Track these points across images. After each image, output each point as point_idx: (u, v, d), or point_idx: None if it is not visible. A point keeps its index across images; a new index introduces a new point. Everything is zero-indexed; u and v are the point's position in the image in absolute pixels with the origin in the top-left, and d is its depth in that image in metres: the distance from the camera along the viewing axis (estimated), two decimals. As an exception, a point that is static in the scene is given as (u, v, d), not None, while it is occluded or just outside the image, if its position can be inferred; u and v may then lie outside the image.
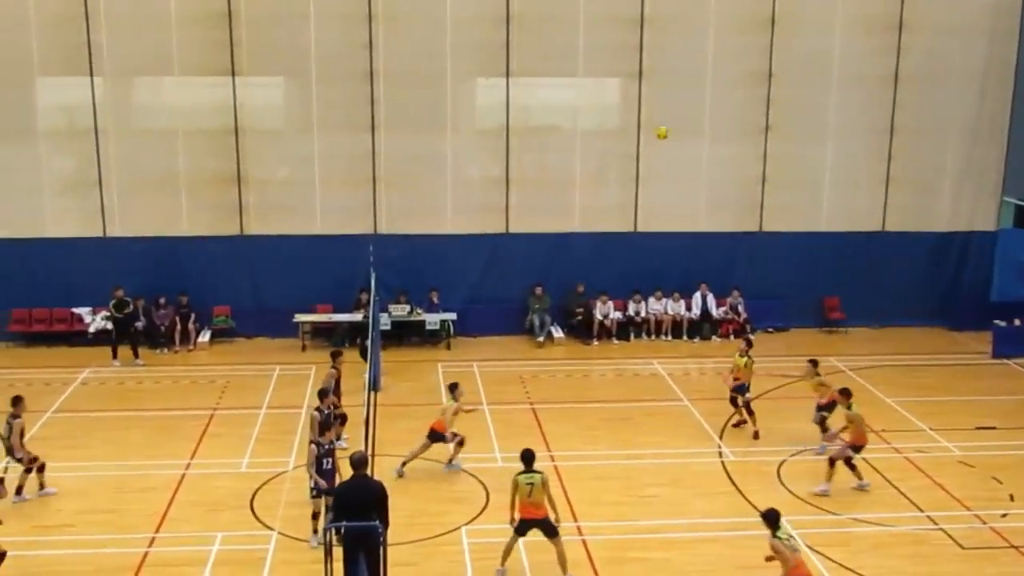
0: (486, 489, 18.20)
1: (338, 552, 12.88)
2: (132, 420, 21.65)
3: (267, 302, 27.47)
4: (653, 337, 27.81)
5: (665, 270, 28.02)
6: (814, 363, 20.64)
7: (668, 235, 27.88)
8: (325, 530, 12.94)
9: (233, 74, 26.62)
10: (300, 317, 26.97)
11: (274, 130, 27.83)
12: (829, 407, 19.85)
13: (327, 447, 15.85)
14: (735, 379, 20.99)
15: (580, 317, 27.70)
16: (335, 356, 20.36)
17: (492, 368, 25.28)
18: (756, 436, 20.52)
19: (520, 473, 15.10)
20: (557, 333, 27.65)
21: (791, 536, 13.58)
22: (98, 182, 26.88)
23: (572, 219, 27.99)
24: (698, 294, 28.02)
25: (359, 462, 13.20)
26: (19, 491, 17.87)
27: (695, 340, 27.69)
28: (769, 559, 13.55)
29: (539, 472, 15.06)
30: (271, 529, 16.67)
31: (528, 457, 15.23)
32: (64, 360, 25.51)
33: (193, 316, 26.95)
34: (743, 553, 15.87)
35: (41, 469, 18.08)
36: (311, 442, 16.29)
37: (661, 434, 20.84)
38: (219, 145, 26.96)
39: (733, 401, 21.16)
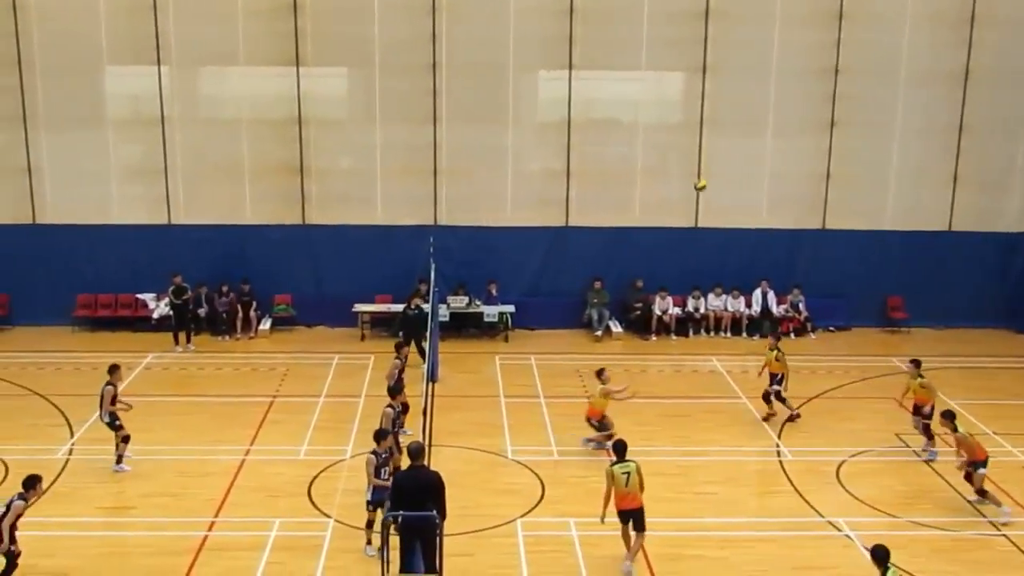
0: (541, 482, 18.20)
1: (395, 541, 12.98)
2: (194, 405, 21.93)
3: (327, 291, 27.68)
4: (712, 334, 27.62)
5: (725, 266, 27.83)
6: (916, 364, 19.87)
7: (729, 231, 27.69)
8: (383, 520, 13.00)
9: (297, 64, 26.83)
10: (359, 307, 27.14)
11: (337, 120, 28.02)
12: (931, 412, 19.07)
13: (384, 456, 15.67)
14: (770, 373, 21.08)
15: (639, 312, 27.59)
16: (399, 348, 20.44)
17: (549, 361, 25.26)
18: (794, 418, 20.87)
19: (615, 464, 15.23)
20: (615, 328, 27.56)
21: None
22: (164, 170, 27.26)
23: (632, 213, 27.87)
24: (758, 291, 27.76)
25: (416, 452, 13.25)
26: (119, 460, 18.50)
27: (754, 337, 27.42)
28: None
29: (633, 461, 15.21)
30: (328, 517, 16.80)
31: (621, 447, 15.42)
32: (128, 345, 25.90)
33: (254, 304, 27.23)
34: (800, 554, 15.74)
35: (126, 440, 18.59)
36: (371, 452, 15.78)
37: (719, 431, 20.70)
38: (283, 135, 27.21)
39: (766, 397, 21.10)
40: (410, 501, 12.65)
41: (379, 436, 15.55)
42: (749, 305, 27.77)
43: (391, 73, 27.06)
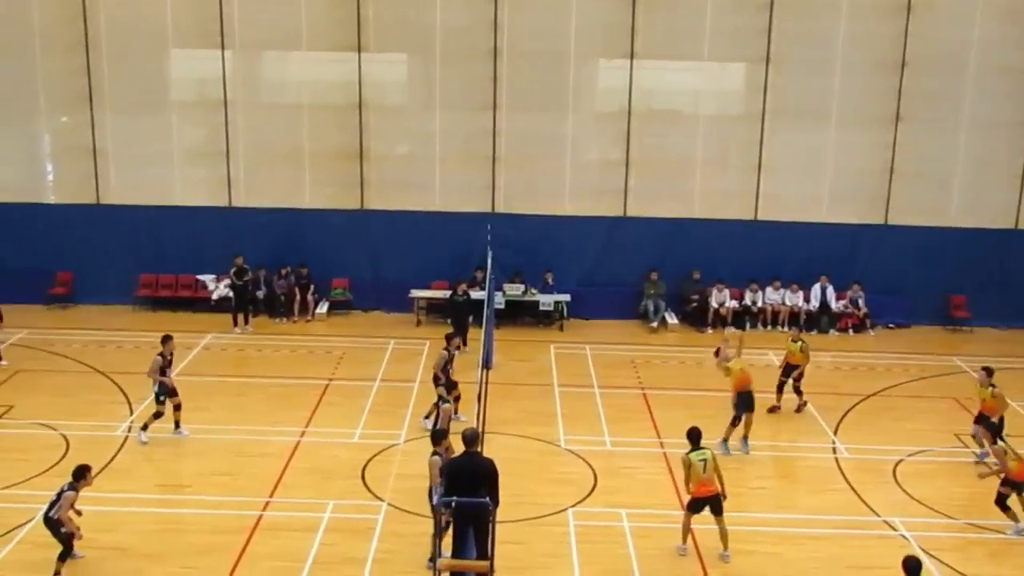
0: (594, 472, 18.17)
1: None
2: (251, 386, 22.16)
3: (384, 276, 27.82)
4: (769, 328, 27.35)
5: (784, 260, 27.52)
6: (989, 371, 18.92)
7: (789, 224, 27.37)
8: (435, 505, 13.04)
9: (359, 50, 26.95)
10: (416, 293, 27.26)
11: (397, 106, 28.13)
12: (1000, 424, 17.98)
13: (446, 455, 15.56)
14: (787, 364, 20.99)
15: (695, 304, 27.43)
16: (449, 339, 20.43)
17: (604, 351, 25.21)
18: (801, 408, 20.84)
19: (691, 452, 15.30)
20: (671, 319, 27.42)
21: None
22: (225, 153, 27.54)
23: (691, 205, 27.68)
24: (817, 286, 27.45)
25: (471, 438, 13.27)
26: (177, 425, 19.15)
27: (812, 333, 27.10)
28: None
29: (707, 448, 15.33)
30: (381, 500, 16.90)
31: (696, 435, 15.49)
32: (188, 325, 26.19)
33: (312, 287, 27.43)
34: (855, 553, 15.58)
35: (177, 408, 19.15)
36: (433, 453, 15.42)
37: (774, 426, 20.53)
38: (343, 120, 27.36)
39: (780, 387, 21.13)
40: (463, 487, 12.67)
41: (437, 437, 15.46)
42: (807, 300, 27.48)
43: (451, 60, 27.09)
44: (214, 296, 27.53)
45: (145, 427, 19.02)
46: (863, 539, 16.08)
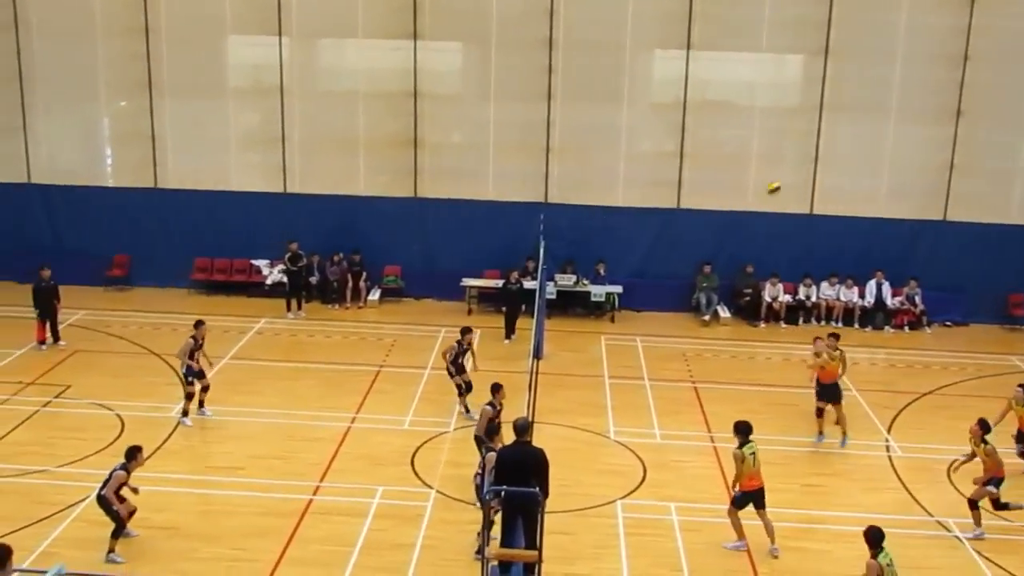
0: (643, 464, 18.11)
1: (496, 516, 13.05)
2: (302, 371, 22.31)
3: (436, 265, 27.89)
4: (823, 323, 27.05)
5: (840, 255, 27.20)
6: None
7: (845, 219, 27.05)
8: (485, 493, 13.06)
9: (415, 38, 26.99)
10: (467, 281, 27.30)
11: (451, 95, 28.13)
12: None
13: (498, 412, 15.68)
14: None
15: (748, 298, 27.22)
16: (464, 332, 20.39)
17: (655, 344, 25.10)
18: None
19: (742, 446, 15.29)
20: (723, 313, 27.24)
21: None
22: (281, 139, 27.72)
23: (745, 198, 27.44)
24: (873, 282, 27.10)
25: (522, 428, 13.26)
26: (201, 405, 19.51)
27: (867, 329, 26.85)
28: None
29: (753, 441, 15.41)
30: (430, 487, 16.96)
31: (747, 428, 15.50)
32: (242, 309, 26.47)
33: (364, 274, 27.57)
34: (907, 552, 15.32)
35: (205, 389, 19.48)
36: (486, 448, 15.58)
37: (827, 423, 20.29)
38: (397, 108, 27.43)
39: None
40: (513, 477, 12.68)
41: (490, 432, 15.42)
42: (863, 296, 27.15)
43: (507, 49, 27.05)
44: (268, 281, 27.77)
45: (185, 412, 19.30)
46: (915, 539, 15.89)
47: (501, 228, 27.44)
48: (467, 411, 19.75)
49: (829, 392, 19.38)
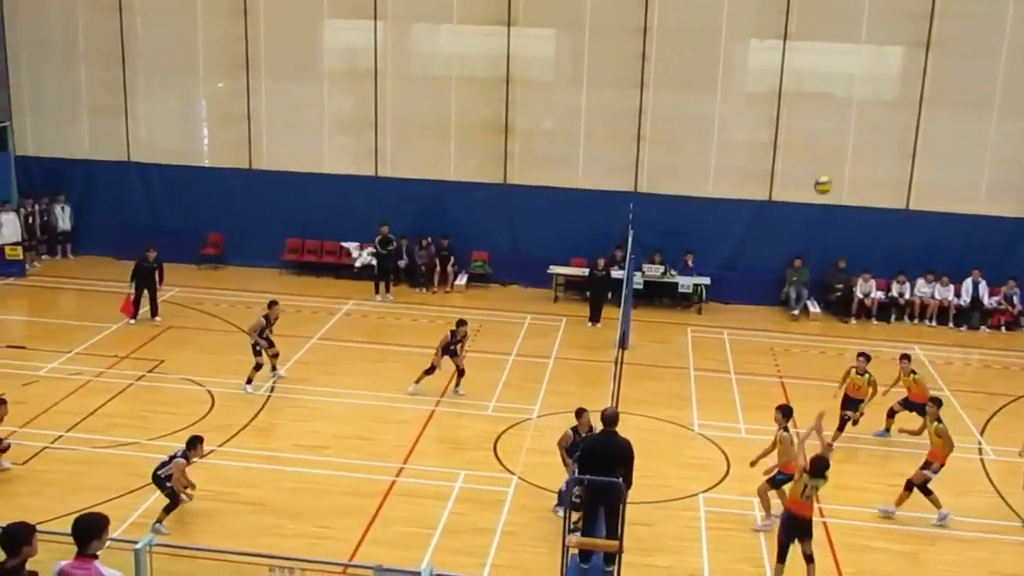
0: (727, 458, 17.96)
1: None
2: (389, 354, 22.52)
3: (524, 251, 27.94)
4: (916, 321, 26.54)
5: (935, 252, 26.60)
6: None
7: (943, 215, 26.44)
8: (568, 482, 13.07)
9: (508, 24, 27.02)
10: (554, 269, 27.29)
11: (543, 82, 28.11)
12: None
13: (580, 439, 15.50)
14: (848, 395, 18.81)
15: (839, 293, 26.77)
16: (459, 324, 20.59)
17: (742, 337, 24.85)
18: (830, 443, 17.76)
19: (787, 429, 15.54)
20: (813, 308, 26.85)
21: None
22: (374, 123, 27.97)
23: (839, 191, 26.85)
24: (969, 280, 26.45)
25: (610, 418, 13.23)
26: (274, 368, 20.15)
27: (962, 328, 26.25)
28: None
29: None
30: (512, 473, 17.02)
31: (789, 412, 15.83)
32: (330, 291, 26.80)
33: (452, 259, 27.71)
34: (996, 558, 15.06)
35: (258, 368, 19.96)
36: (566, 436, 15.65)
37: (916, 422, 19.88)
38: (489, 94, 27.50)
39: (845, 422, 18.81)
40: (599, 466, 12.66)
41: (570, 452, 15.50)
42: (958, 294, 26.54)
43: (600, 36, 26.93)
44: (357, 263, 28.06)
45: (249, 380, 19.82)
46: (1006, 545, 15.51)
47: (590, 216, 27.36)
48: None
49: (852, 405, 18.87)
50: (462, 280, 27.89)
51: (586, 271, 26.44)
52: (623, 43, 26.81)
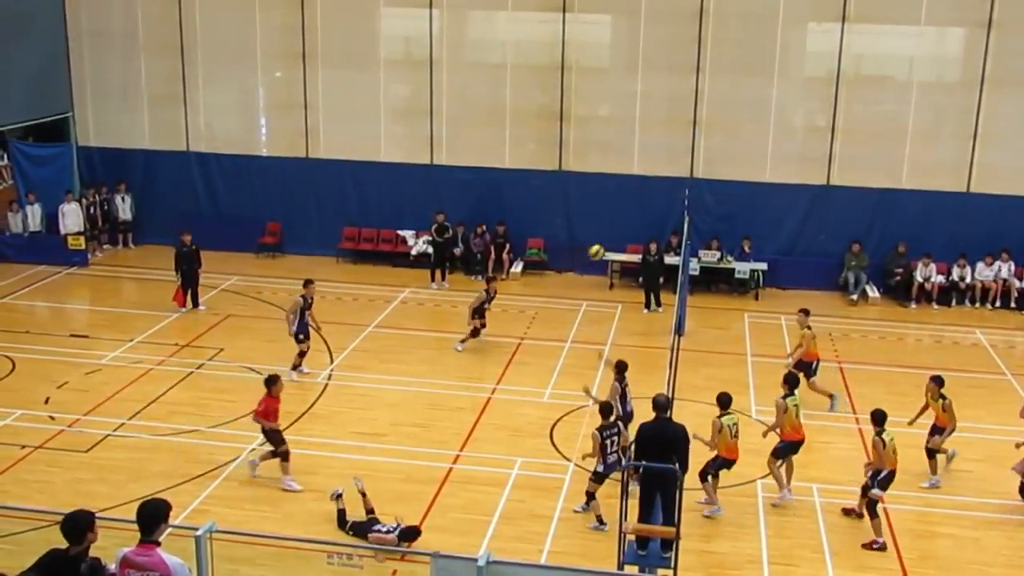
0: (786, 445, 17.79)
1: (634, 489, 13.03)
2: (445, 341, 22.59)
3: (579, 238, 27.82)
4: (978, 305, 26.13)
5: (998, 235, 26.13)
6: None
7: (1005, 198, 25.98)
8: (624, 468, 13.05)
9: (564, 10, 26.93)
10: (610, 256, 27.18)
11: (599, 68, 28.03)
12: None
13: (610, 432, 15.25)
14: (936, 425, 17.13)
15: (899, 278, 26.42)
16: (489, 280, 21.69)
17: (801, 323, 24.59)
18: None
19: (786, 397, 16.08)
20: (872, 293, 26.53)
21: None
22: (429, 111, 28.03)
23: (899, 175, 26.62)
24: (1033, 263, 26.05)
25: (663, 404, 13.19)
26: (295, 367, 20.19)
27: (1024, 312, 25.89)
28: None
29: (797, 394, 16.21)
30: (568, 460, 17.03)
31: (795, 382, 16.39)
32: (387, 279, 26.96)
33: (508, 246, 27.72)
34: (1060, 544, 14.82)
35: (302, 354, 20.21)
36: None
37: (979, 408, 19.61)
38: (545, 81, 27.45)
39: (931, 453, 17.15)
40: (653, 452, 12.64)
41: (605, 412, 15.51)
42: (1020, 277, 26.07)
43: (656, 21, 26.77)
44: (413, 251, 28.17)
45: (295, 367, 20.02)
46: (1071, 531, 15.28)
47: (646, 203, 27.26)
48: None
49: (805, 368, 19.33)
50: (518, 267, 27.90)
51: (640, 257, 26.41)
52: (679, 28, 26.62)
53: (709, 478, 15.54)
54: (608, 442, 14.98)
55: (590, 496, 15.12)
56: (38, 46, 28.28)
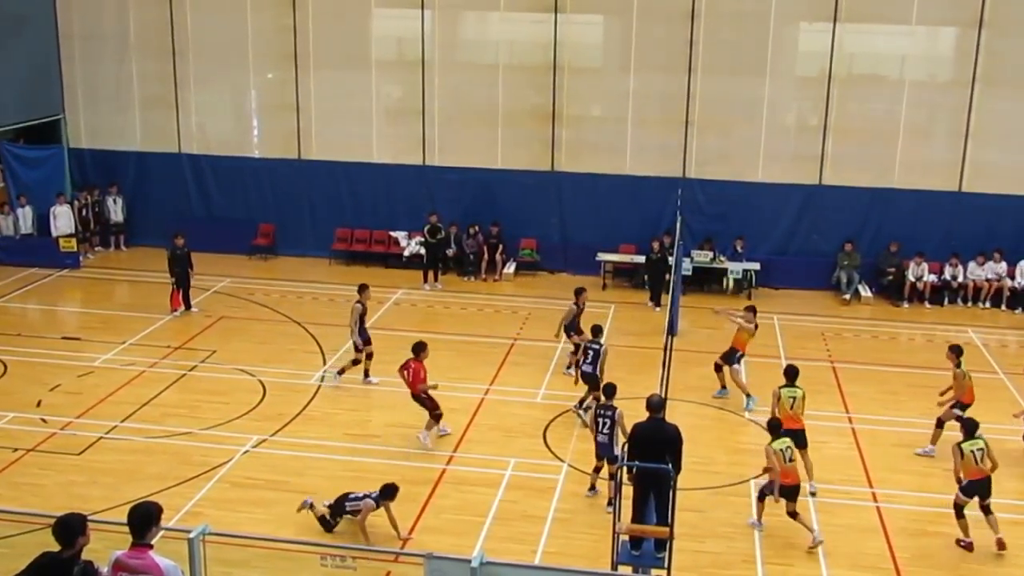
0: (779, 444, 17.81)
1: (628, 490, 13.01)
2: (438, 342, 22.38)
3: (572, 238, 27.89)
4: (970, 304, 26.17)
5: (990, 234, 26.17)
6: None
7: (996, 197, 25.99)
8: (617, 467, 13.06)
9: (556, 11, 26.92)
10: (603, 256, 27.22)
11: (591, 68, 28.03)
12: None
13: (601, 412, 15.54)
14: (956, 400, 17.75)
15: (891, 277, 26.45)
16: (578, 293, 20.71)
17: (793, 322, 24.64)
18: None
19: (783, 387, 16.37)
20: (865, 292, 26.56)
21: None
22: (422, 112, 28.01)
23: (891, 174, 26.64)
24: (1024, 262, 26.11)
25: (657, 405, 13.19)
26: (341, 371, 19.92)
27: (1017, 311, 25.85)
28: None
29: (800, 388, 16.19)
30: (562, 461, 17.04)
31: (793, 372, 16.64)
32: (379, 280, 26.79)
33: (501, 247, 27.71)
34: (1055, 542, 14.84)
35: (369, 357, 19.99)
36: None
37: (973, 407, 19.62)
38: (538, 81, 27.45)
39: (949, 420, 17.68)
40: (647, 453, 12.63)
41: (608, 393, 15.75)
42: (1013, 276, 26.13)
43: (648, 21, 26.78)
44: (406, 252, 28.14)
45: (342, 371, 19.90)
46: (1064, 530, 15.31)
47: (638, 203, 27.25)
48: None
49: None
50: (511, 268, 27.89)
51: (634, 258, 26.52)
52: (671, 28, 26.64)
53: (766, 499, 15.07)
54: (600, 421, 15.33)
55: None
56: (30, 48, 28.25)
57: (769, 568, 14.23)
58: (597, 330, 18.94)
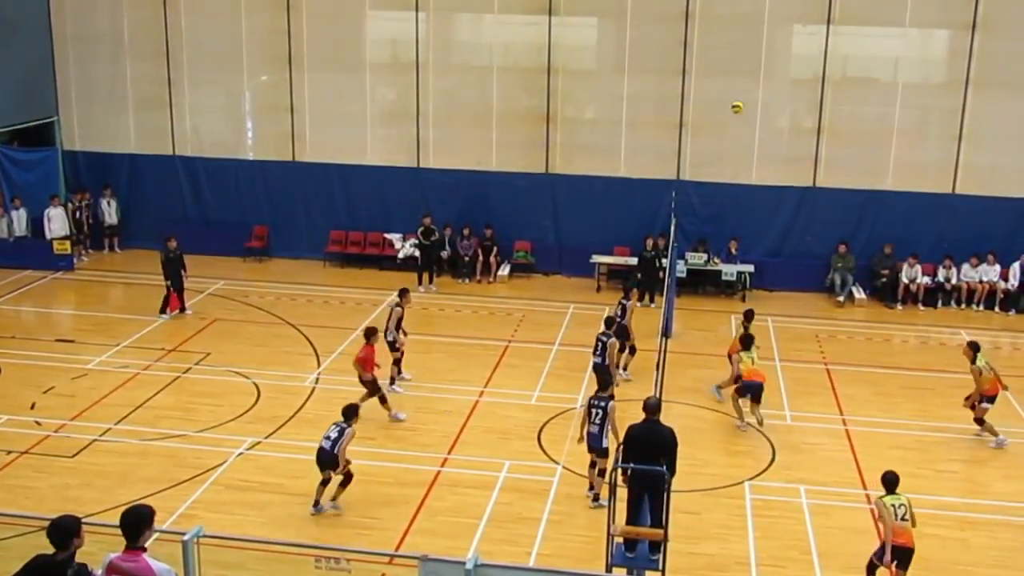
0: (772, 446, 17.86)
1: (623, 492, 13.03)
2: (433, 344, 22.57)
3: (567, 241, 27.90)
4: (963, 306, 26.21)
5: (984, 236, 26.21)
6: None
7: (990, 199, 26.06)
8: (613, 470, 13.07)
9: (550, 13, 26.95)
10: (597, 258, 27.23)
11: (585, 70, 28.06)
12: None
13: (595, 402, 15.62)
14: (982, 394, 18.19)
15: (885, 279, 26.50)
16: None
17: (787, 324, 24.66)
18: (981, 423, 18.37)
19: (742, 351, 18.50)
20: (859, 294, 26.60)
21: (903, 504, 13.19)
22: (416, 114, 28.01)
23: (885, 176, 26.70)
24: (1017, 264, 26.04)
25: (653, 407, 13.20)
26: (392, 381, 19.83)
27: (1010, 313, 25.91)
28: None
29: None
30: (556, 463, 17.04)
31: (750, 341, 18.65)
32: (374, 282, 26.91)
33: (495, 249, 27.71)
34: (1048, 544, 14.88)
35: (396, 363, 20.06)
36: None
37: (965, 408, 19.69)
38: (532, 83, 27.47)
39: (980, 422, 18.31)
40: (642, 455, 12.65)
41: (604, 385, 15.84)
42: (1006, 278, 26.18)
43: (642, 23, 26.80)
44: (400, 255, 28.14)
45: (392, 380, 19.84)
46: (1058, 531, 15.34)
47: (633, 205, 27.28)
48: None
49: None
50: (505, 270, 27.90)
51: (628, 260, 26.50)
52: (665, 30, 26.67)
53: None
54: (593, 411, 15.43)
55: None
56: (23, 50, 28.23)
57: (763, 570, 14.24)
58: (609, 322, 19.29)
